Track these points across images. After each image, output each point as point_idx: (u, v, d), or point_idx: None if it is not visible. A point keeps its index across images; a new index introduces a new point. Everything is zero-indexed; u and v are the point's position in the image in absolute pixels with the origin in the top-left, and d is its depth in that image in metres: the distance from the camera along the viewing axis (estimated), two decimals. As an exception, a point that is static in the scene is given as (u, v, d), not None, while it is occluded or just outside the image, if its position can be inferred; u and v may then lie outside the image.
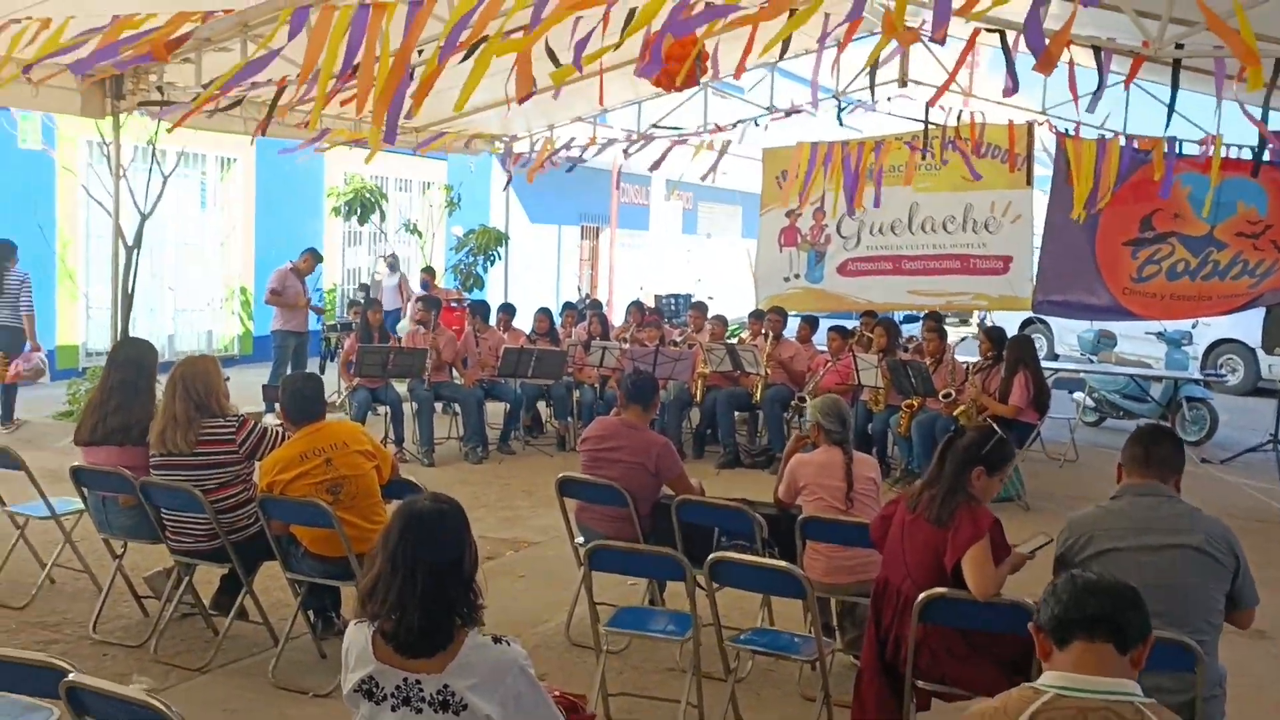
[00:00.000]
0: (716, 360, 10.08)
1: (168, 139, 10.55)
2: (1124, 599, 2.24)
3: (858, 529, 4.74)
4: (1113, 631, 2.19)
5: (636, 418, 5.47)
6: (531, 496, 8.61)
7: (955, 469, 3.85)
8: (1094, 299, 11.56)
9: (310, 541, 4.78)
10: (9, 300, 10.33)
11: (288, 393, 4.80)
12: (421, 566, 2.60)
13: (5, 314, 10.35)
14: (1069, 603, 2.23)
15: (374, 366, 9.58)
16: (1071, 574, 2.31)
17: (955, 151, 11.31)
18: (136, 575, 5.71)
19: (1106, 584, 2.27)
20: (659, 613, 4.83)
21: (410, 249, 17.57)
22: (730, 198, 25.72)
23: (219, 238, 15.53)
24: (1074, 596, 2.23)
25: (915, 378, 8.98)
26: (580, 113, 13.29)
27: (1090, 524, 3.68)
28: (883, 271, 12.87)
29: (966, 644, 3.75)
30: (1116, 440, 11.81)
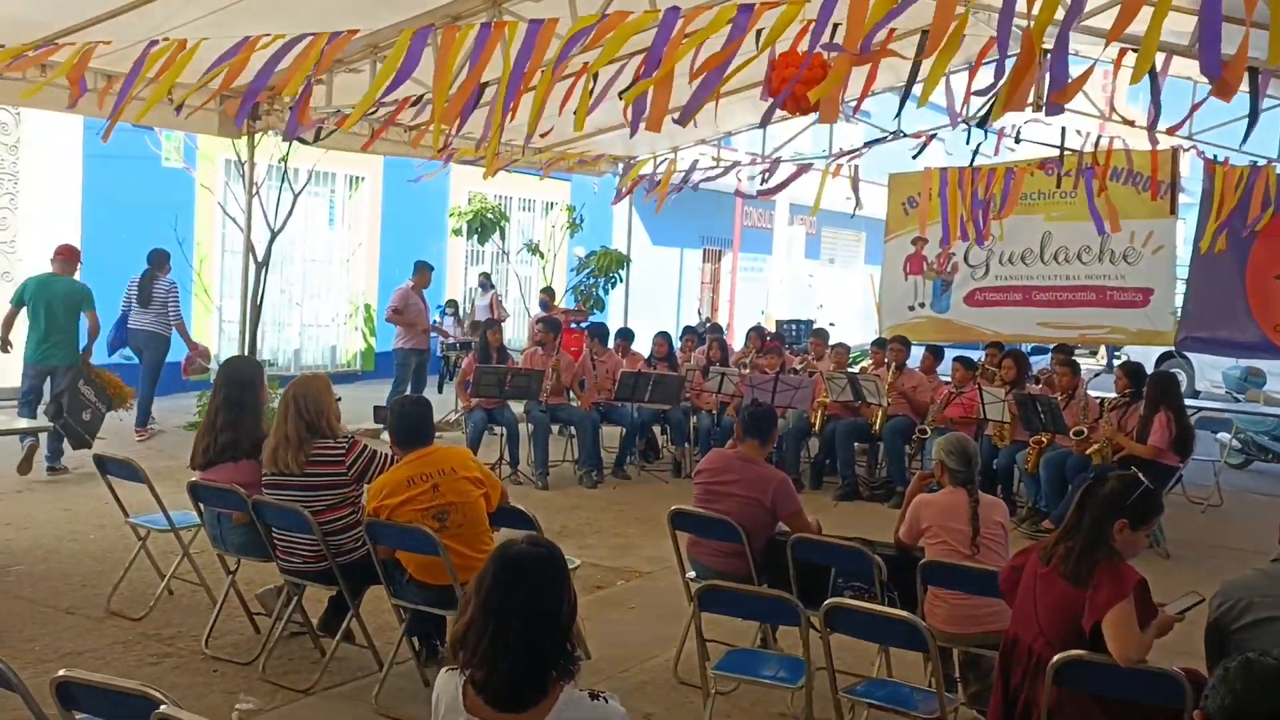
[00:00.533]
0: (837, 389, 9.82)
1: (299, 158, 10.79)
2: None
3: (983, 576, 4.47)
4: None
5: (753, 451, 5.28)
6: (645, 524, 8.46)
7: (1095, 521, 3.56)
8: (1242, 335, 10.96)
9: (415, 568, 4.70)
10: (156, 308, 10.71)
11: (395, 416, 4.75)
12: (515, 615, 2.45)
13: (150, 320, 10.73)
14: (1244, 696, 1.96)
15: (491, 387, 9.58)
16: (1248, 659, 2.02)
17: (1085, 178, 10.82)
18: (249, 590, 5.76)
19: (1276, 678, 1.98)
20: (770, 656, 4.63)
21: (531, 269, 17.67)
22: (854, 223, 25.28)
23: (345, 255, 15.85)
24: (1250, 689, 1.96)
25: (1045, 413, 8.58)
26: (704, 135, 13.18)
27: (1249, 589, 3.38)
28: (1012, 302, 12.43)
29: (1106, 713, 3.46)
30: (1264, 485, 11.33)
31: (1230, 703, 1.97)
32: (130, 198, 12.67)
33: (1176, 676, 3.37)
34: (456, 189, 16.57)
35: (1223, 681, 2.02)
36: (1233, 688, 1.98)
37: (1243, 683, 1.97)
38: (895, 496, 9.42)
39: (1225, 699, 1.99)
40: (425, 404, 4.94)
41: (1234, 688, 1.98)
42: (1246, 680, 1.97)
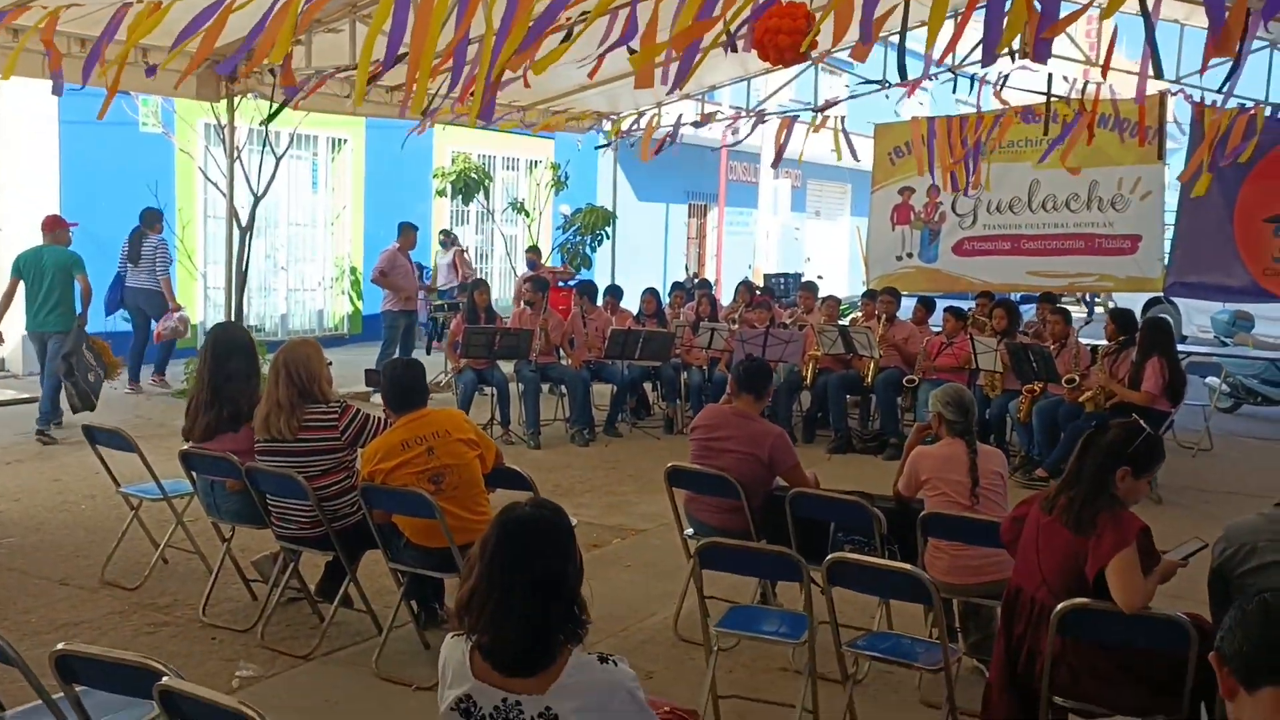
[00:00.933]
0: (829, 342, 9.78)
1: (279, 121, 10.65)
2: None
3: (983, 527, 4.46)
4: None
5: (749, 406, 5.25)
6: (638, 481, 8.46)
7: (1097, 469, 3.54)
8: (1231, 280, 10.95)
9: (412, 532, 4.67)
10: (146, 265, 11.15)
11: (388, 379, 4.70)
12: (521, 580, 2.41)
13: (145, 278, 11.19)
14: (1261, 642, 1.90)
15: (480, 348, 9.52)
16: (1264, 600, 1.95)
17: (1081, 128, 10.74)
18: (245, 558, 5.72)
19: None
20: (772, 612, 4.62)
21: (517, 228, 17.55)
22: (839, 175, 25.19)
23: (329, 218, 15.71)
24: (1269, 636, 1.91)
25: (1037, 362, 8.57)
26: (688, 89, 13.05)
27: (1252, 533, 3.37)
28: (1001, 251, 12.39)
29: (1110, 661, 3.45)
30: (1254, 428, 11.37)
31: (1248, 650, 1.93)
32: (108, 164, 12.49)
33: (1181, 622, 3.37)
34: (440, 149, 16.40)
35: (1240, 624, 1.96)
36: (1250, 635, 1.93)
37: (1260, 629, 1.93)
38: (889, 448, 9.43)
39: (1242, 645, 1.94)
40: (418, 366, 4.88)
41: (1251, 635, 1.93)
42: (1264, 625, 1.93)
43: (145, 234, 11.21)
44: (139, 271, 11.15)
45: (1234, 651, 1.94)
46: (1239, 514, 7.67)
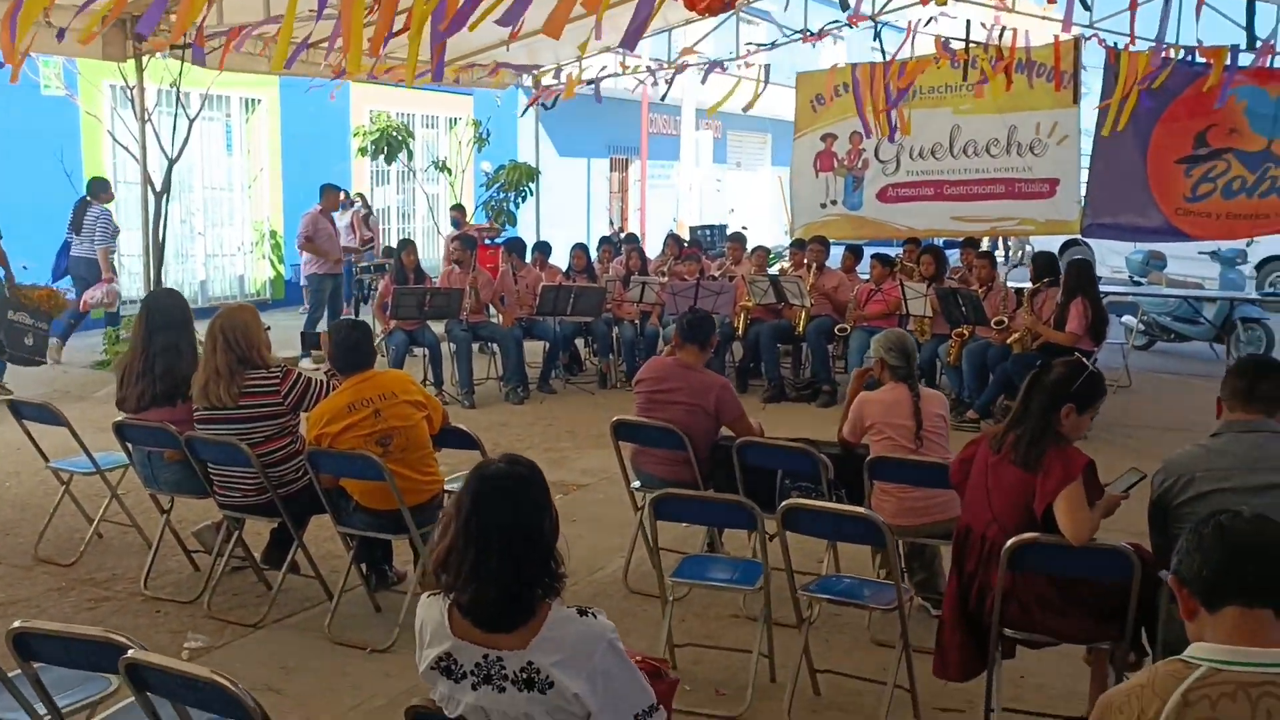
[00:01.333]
0: (760, 292, 9.84)
1: (190, 81, 10.32)
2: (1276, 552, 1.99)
3: (928, 469, 4.56)
4: (1274, 599, 1.96)
5: (693, 358, 5.27)
6: (576, 437, 8.47)
7: (1043, 407, 3.63)
8: (1145, 220, 11.18)
9: (361, 494, 4.63)
10: (87, 235, 11.10)
11: (334, 342, 4.63)
12: (496, 536, 2.40)
13: (85, 248, 11.13)
14: (1222, 565, 1.98)
15: (410, 308, 9.41)
16: (1219, 523, 2.02)
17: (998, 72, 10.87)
18: (184, 529, 5.62)
19: (1265, 541, 2.00)
20: (725, 561, 4.67)
21: (439, 187, 17.32)
22: (760, 125, 25.24)
23: (246, 181, 15.34)
24: (1228, 557, 1.97)
25: (966, 306, 8.73)
26: (608, 42, 12.93)
27: (1190, 464, 3.48)
28: (924, 197, 12.49)
29: (1058, 592, 3.56)
30: (1169, 364, 11.72)
31: (1208, 574, 2.00)
32: (9, 128, 12.04)
33: (1125, 551, 3.48)
34: (358, 108, 16.08)
35: (1198, 548, 2.02)
36: (1210, 558, 2.00)
37: (1220, 553, 1.99)
38: (822, 395, 9.55)
39: (1203, 569, 2.01)
40: (365, 328, 4.82)
41: (1211, 558, 1.99)
42: (1222, 549, 1.99)
43: (90, 203, 11.15)
44: (81, 241, 11.12)
45: (1193, 574, 2.01)
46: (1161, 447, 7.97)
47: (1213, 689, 1.88)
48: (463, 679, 2.40)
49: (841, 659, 4.54)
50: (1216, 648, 1.94)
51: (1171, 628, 3.47)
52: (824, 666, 4.35)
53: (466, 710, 2.42)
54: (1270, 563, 1.96)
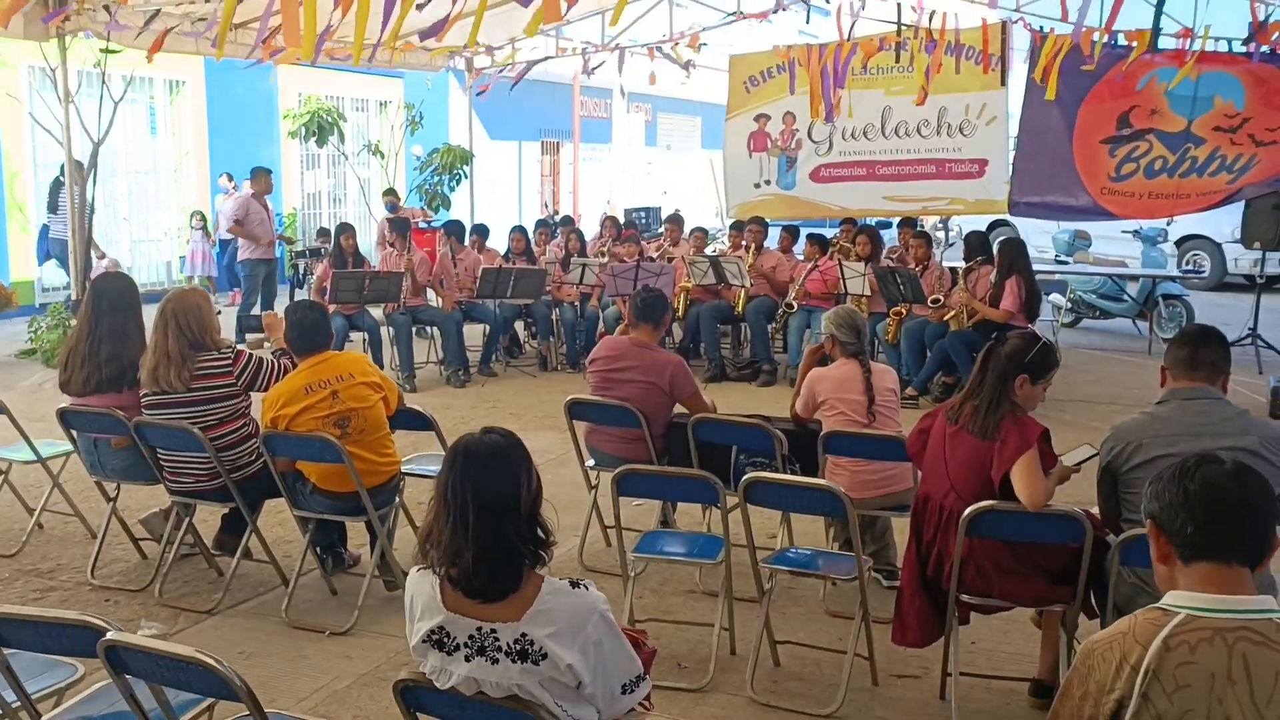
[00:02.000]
0: (700, 273, 9.91)
1: (114, 62, 10.08)
2: (1265, 518, 2.06)
3: (881, 443, 4.65)
4: (1249, 556, 2.05)
5: (647, 336, 5.30)
6: (520, 419, 8.47)
7: (997, 378, 3.73)
8: (1071, 200, 11.43)
9: (319, 477, 4.59)
10: (63, 216, 11.25)
11: (290, 323, 4.57)
12: (475, 506, 2.43)
13: (61, 229, 11.35)
14: (1208, 526, 2.03)
15: (350, 292, 9.32)
16: (1207, 480, 2.05)
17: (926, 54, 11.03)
18: (129, 517, 5.53)
19: (1249, 506, 2.05)
20: (684, 535, 4.72)
21: (370, 171, 17.13)
22: (690, 109, 25.33)
23: (172, 164, 15.02)
24: (1210, 516, 2.02)
25: (904, 284, 8.87)
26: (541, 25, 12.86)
27: (1137, 431, 3.59)
28: (857, 177, 12.64)
29: (1014, 557, 3.67)
30: (1095, 340, 12.02)
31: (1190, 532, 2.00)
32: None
33: (1078, 516, 3.59)
34: (285, 90, 15.82)
35: (1183, 504, 2.05)
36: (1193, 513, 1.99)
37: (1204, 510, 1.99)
38: (762, 375, 9.65)
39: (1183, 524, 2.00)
40: (321, 309, 4.77)
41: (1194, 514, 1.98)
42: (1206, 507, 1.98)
43: (63, 183, 11.12)
44: (57, 221, 11.36)
45: (1175, 529, 2.08)
46: (1092, 419, 8.20)
47: (1191, 635, 1.97)
48: (455, 651, 2.42)
49: (798, 630, 4.62)
50: (1193, 595, 2.03)
51: (1120, 590, 3.60)
52: (782, 638, 4.43)
53: (459, 682, 2.44)
54: (1250, 524, 2.04)
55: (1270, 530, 2.07)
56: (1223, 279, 16.17)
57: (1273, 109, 10.40)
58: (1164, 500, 2.11)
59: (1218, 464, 2.10)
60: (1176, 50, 10.43)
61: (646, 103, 23.01)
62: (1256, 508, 2.05)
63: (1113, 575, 3.58)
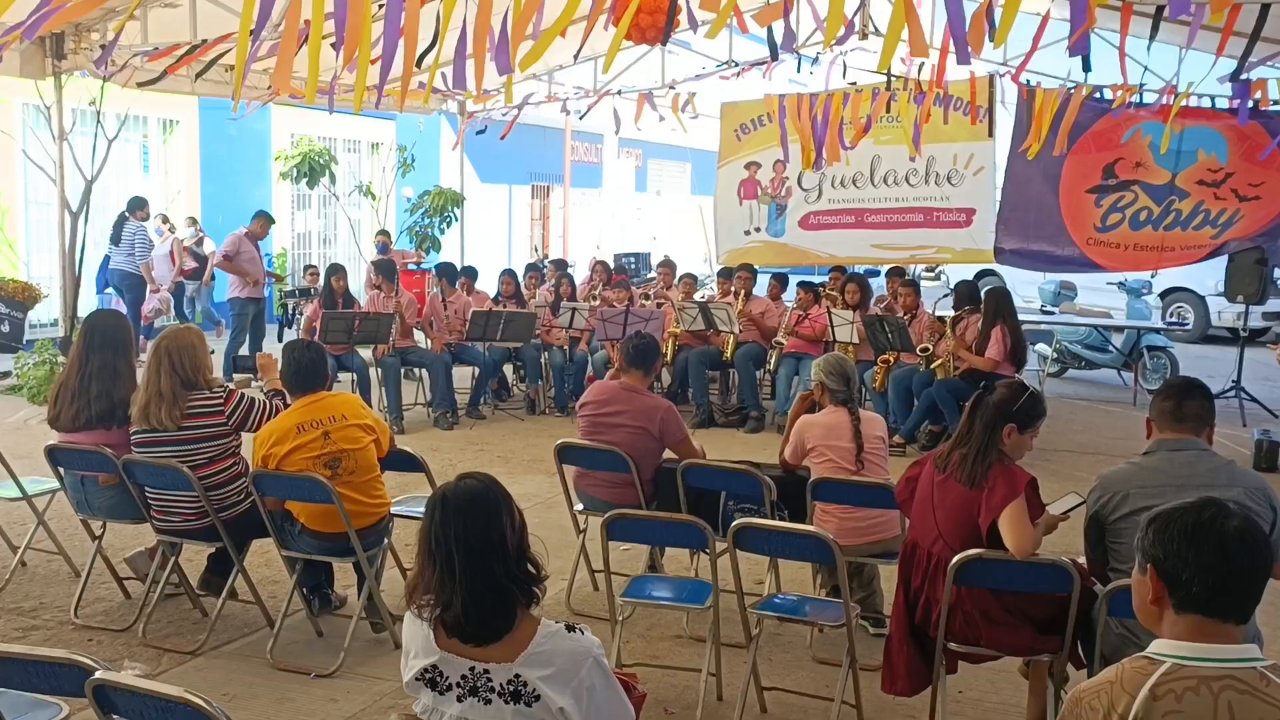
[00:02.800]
0: (689, 319, 9.95)
1: (108, 100, 10.14)
2: (1263, 578, 2.07)
3: (869, 490, 4.67)
4: (1240, 615, 2.07)
5: (637, 381, 5.33)
6: (508, 462, 8.47)
7: (986, 427, 3.76)
8: (1058, 250, 11.56)
9: (308, 518, 4.59)
10: (125, 249, 12.16)
11: (288, 362, 4.58)
12: (460, 552, 2.47)
13: (122, 260, 12.23)
14: (1211, 584, 2.03)
15: (339, 333, 9.33)
16: (1221, 539, 2.05)
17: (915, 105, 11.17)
18: (115, 556, 5.50)
19: (1253, 567, 2.05)
20: (672, 581, 4.72)
21: (360, 212, 17.20)
22: (680, 154, 25.52)
23: (163, 203, 15.05)
24: (1220, 580, 2.03)
25: (893, 333, 8.93)
26: (534, 70, 13.02)
27: (1124, 481, 3.62)
28: (845, 225, 12.77)
29: (1002, 606, 3.68)
30: (1080, 390, 12.09)
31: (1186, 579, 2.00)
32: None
33: (1065, 565, 3.62)
34: (278, 131, 15.91)
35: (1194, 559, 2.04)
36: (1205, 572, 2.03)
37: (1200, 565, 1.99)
38: (750, 421, 9.67)
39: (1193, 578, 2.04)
40: (319, 349, 4.78)
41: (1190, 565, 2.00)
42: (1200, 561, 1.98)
43: (127, 219, 12.11)
44: (119, 253, 12.14)
45: (1177, 580, 2.06)
46: (1078, 469, 8.22)
47: (1178, 684, 1.98)
48: (448, 690, 2.42)
49: (785, 677, 4.62)
50: (1179, 644, 2.05)
51: (1108, 640, 3.61)
52: (769, 684, 4.42)
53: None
54: (1246, 583, 2.05)
55: (1261, 591, 2.09)
56: (1206, 331, 16.31)
57: (1254, 164, 10.57)
58: (1170, 549, 2.08)
59: (1228, 520, 2.08)
60: (1160, 106, 10.60)
61: (637, 148, 23.19)
62: (1261, 571, 2.07)
63: (1100, 625, 3.59)
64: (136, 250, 12.07)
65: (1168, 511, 2.15)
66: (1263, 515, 3.47)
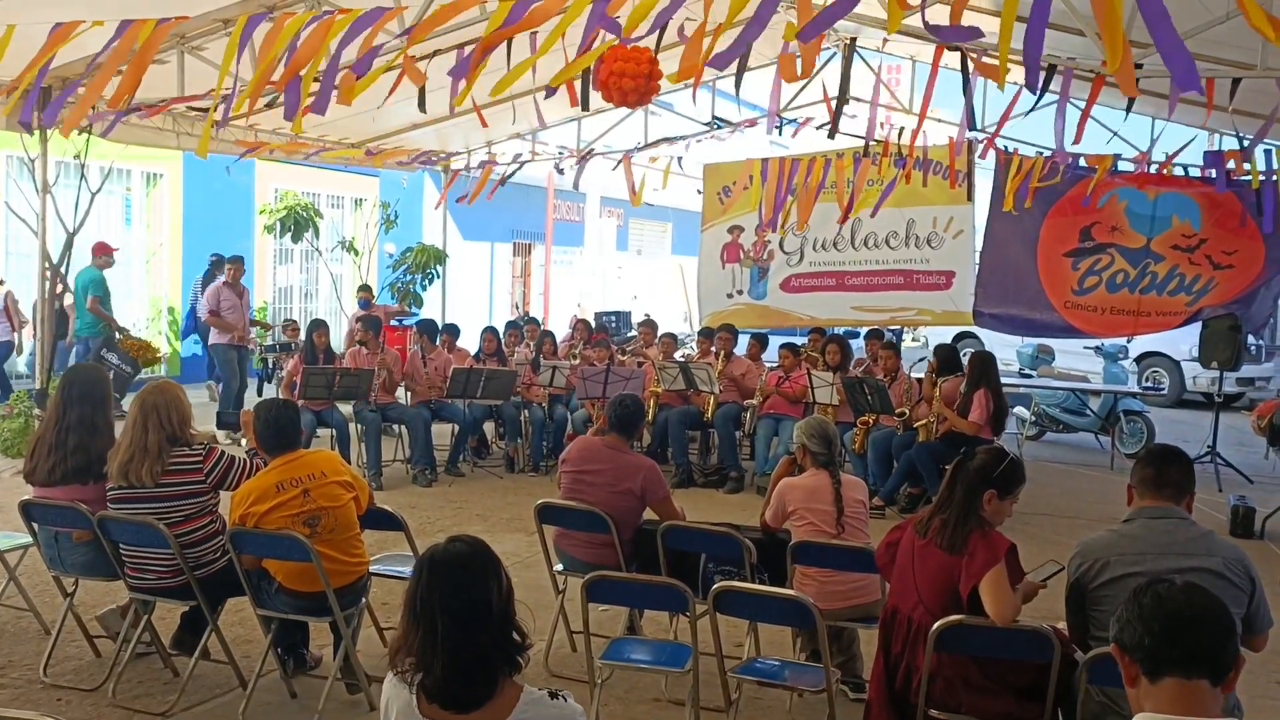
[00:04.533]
0: (670, 378, 9.97)
1: (92, 152, 10.15)
2: (1219, 629, 2.11)
3: (849, 553, 4.66)
4: (1211, 669, 2.09)
5: (619, 442, 5.32)
6: (486, 520, 8.42)
7: (966, 493, 3.77)
8: (1036, 314, 11.69)
9: (285, 576, 4.53)
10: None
11: (262, 420, 4.55)
12: (444, 616, 2.44)
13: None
14: (1163, 637, 2.10)
15: (319, 389, 9.29)
16: (1158, 594, 2.15)
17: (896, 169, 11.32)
18: (86, 614, 5.42)
19: (1201, 614, 2.12)
20: (652, 643, 4.68)
21: (343, 267, 17.22)
22: (661, 214, 25.69)
23: (145, 256, 15.03)
24: (1168, 629, 2.10)
25: (872, 395, 8.96)
26: (518, 129, 13.14)
27: (1104, 548, 3.63)
28: (826, 288, 12.88)
29: (982, 673, 3.67)
30: (1058, 454, 12.14)
31: (1149, 644, 2.12)
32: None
33: (1046, 633, 3.61)
34: (262, 185, 15.95)
35: (1139, 618, 2.15)
36: (1151, 629, 2.12)
37: (1160, 625, 2.11)
38: (730, 482, 9.65)
39: (1144, 639, 2.13)
40: (293, 407, 4.77)
41: (1153, 629, 2.12)
42: (1163, 621, 2.11)
43: (214, 273, 13.03)
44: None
45: (1135, 644, 2.14)
46: (1055, 533, 8.23)
47: None
48: (430, 759, 2.39)
49: (765, 742, 4.58)
50: (1160, 718, 2.06)
51: (1089, 708, 3.60)
52: (749, 750, 4.38)
53: (432, 790, 2.41)
54: (1208, 638, 2.10)
55: (1227, 643, 2.12)
56: (1181, 396, 16.45)
57: (1227, 232, 10.75)
58: (1122, 620, 2.19)
59: (1168, 582, 2.20)
60: (1136, 173, 10.80)
61: (618, 207, 23.32)
62: (1208, 618, 2.12)
63: (1080, 693, 3.58)
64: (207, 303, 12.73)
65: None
66: (1241, 586, 3.49)
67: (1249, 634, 3.54)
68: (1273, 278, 10.84)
